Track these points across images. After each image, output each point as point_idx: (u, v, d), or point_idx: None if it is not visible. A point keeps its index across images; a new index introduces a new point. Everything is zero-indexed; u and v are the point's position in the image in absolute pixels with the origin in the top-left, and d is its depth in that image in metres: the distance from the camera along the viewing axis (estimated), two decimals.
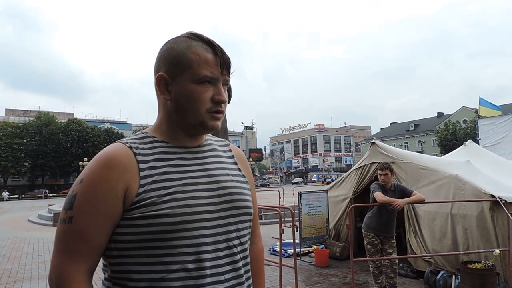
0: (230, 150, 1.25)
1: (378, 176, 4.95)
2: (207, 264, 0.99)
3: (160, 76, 1.06)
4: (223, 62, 1.06)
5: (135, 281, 0.96)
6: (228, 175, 1.13)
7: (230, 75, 1.10)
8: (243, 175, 1.21)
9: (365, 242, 4.99)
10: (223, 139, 1.30)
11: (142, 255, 0.96)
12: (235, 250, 1.06)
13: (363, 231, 5.06)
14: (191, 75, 1.04)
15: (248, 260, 1.12)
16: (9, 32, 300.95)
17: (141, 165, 1.00)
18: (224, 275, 1.01)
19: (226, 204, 1.07)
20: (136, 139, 1.07)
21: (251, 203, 1.15)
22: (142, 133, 1.12)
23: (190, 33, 1.09)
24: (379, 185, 4.89)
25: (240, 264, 1.07)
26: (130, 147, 1.03)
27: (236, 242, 1.07)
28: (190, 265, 0.96)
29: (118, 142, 1.06)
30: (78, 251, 0.94)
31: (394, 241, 4.94)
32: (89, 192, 0.95)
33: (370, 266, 5.03)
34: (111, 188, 0.95)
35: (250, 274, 1.12)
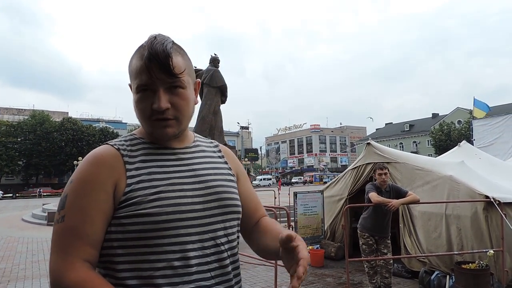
0: (219, 151, 1.28)
1: (377, 176, 4.90)
2: (193, 261, 1.00)
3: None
4: (151, 66, 1.00)
5: (122, 279, 0.97)
6: (216, 174, 1.15)
7: (181, 75, 1.04)
8: (233, 174, 1.23)
9: (360, 242, 5.00)
10: (212, 140, 1.32)
11: (128, 253, 0.98)
12: (222, 248, 1.07)
13: (358, 231, 5.07)
14: (133, 85, 1.07)
15: (236, 257, 1.13)
16: (5, 27, 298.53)
17: (128, 166, 1.03)
18: (211, 272, 1.03)
19: (213, 203, 1.09)
20: (124, 140, 1.11)
21: (238, 201, 1.17)
22: (131, 134, 1.15)
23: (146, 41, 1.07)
24: (374, 186, 4.90)
25: (228, 261, 1.08)
26: (118, 149, 1.06)
27: (223, 240, 1.08)
28: (176, 263, 0.98)
29: (106, 143, 1.09)
30: (71, 245, 0.95)
31: (389, 241, 4.95)
32: (79, 190, 0.98)
33: (365, 266, 5.04)
34: (100, 185, 0.98)
35: (238, 271, 1.13)
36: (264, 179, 62.51)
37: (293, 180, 66.95)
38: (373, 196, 4.70)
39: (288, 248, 0.94)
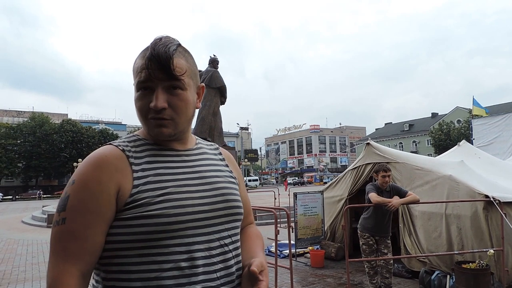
0: (220, 153, 1.29)
1: (381, 177, 4.85)
2: (200, 262, 1.01)
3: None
4: (151, 65, 1.01)
5: (128, 281, 0.97)
6: (220, 176, 1.17)
7: (183, 76, 1.04)
8: (234, 176, 1.24)
9: (361, 243, 5.00)
10: (212, 143, 1.33)
11: (135, 255, 0.97)
12: (226, 249, 1.08)
13: (358, 231, 5.06)
14: (134, 83, 1.07)
15: (240, 258, 1.14)
16: (5, 28, 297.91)
17: (134, 167, 1.02)
18: (217, 273, 1.03)
19: (219, 204, 1.09)
20: (128, 142, 1.10)
21: (241, 203, 1.19)
22: (134, 135, 1.14)
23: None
24: (374, 186, 4.90)
25: (232, 262, 1.09)
26: (123, 150, 1.05)
27: (228, 241, 1.09)
28: (183, 264, 0.98)
29: (110, 144, 1.08)
30: (70, 252, 0.94)
31: (389, 241, 4.95)
32: (81, 193, 0.97)
33: (365, 266, 5.04)
34: (103, 188, 0.97)
35: (241, 272, 1.13)
36: (249, 180, 57.51)
37: (291, 180, 65.64)
38: (373, 196, 4.70)
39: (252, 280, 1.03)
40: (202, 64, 11.33)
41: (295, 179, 69.42)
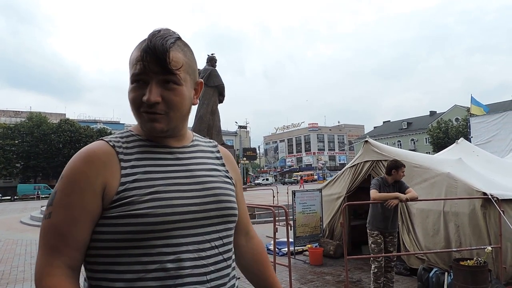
0: (218, 151, 1.25)
1: (401, 173, 4.86)
2: (187, 264, 0.97)
3: None
4: (146, 58, 0.98)
5: (112, 281, 0.95)
6: (213, 176, 1.13)
7: (179, 71, 1.01)
8: (230, 176, 1.20)
9: (370, 241, 4.88)
10: (211, 140, 1.29)
11: (120, 254, 0.95)
12: (217, 251, 1.05)
13: (367, 230, 4.95)
14: (129, 75, 1.04)
15: (231, 262, 1.11)
16: (2, 27, 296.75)
17: (123, 164, 1.00)
18: (207, 276, 1.00)
19: (210, 205, 1.06)
20: (120, 137, 1.07)
21: (235, 204, 1.15)
22: (127, 131, 1.11)
23: None
24: (379, 181, 4.87)
25: (223, 265, 1.06)
26: (113, 146, 1.02)
27: (218, 243, 1.06)
28: (169, 265, 0.95)
29: (101, 139, 1.05)
30: (55, 246, 0.94)
31: (396, 240, 4.95)
32: (67, 187, 0.96)
33: (373, 266, 4.87)
34: (89, 183, 0.95)
35: (234, 275, 1.12)
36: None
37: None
38: (372, 194, 4.69)
39: None
40: (202, 64, 11.31)
41: (272, 177, 67.16)
